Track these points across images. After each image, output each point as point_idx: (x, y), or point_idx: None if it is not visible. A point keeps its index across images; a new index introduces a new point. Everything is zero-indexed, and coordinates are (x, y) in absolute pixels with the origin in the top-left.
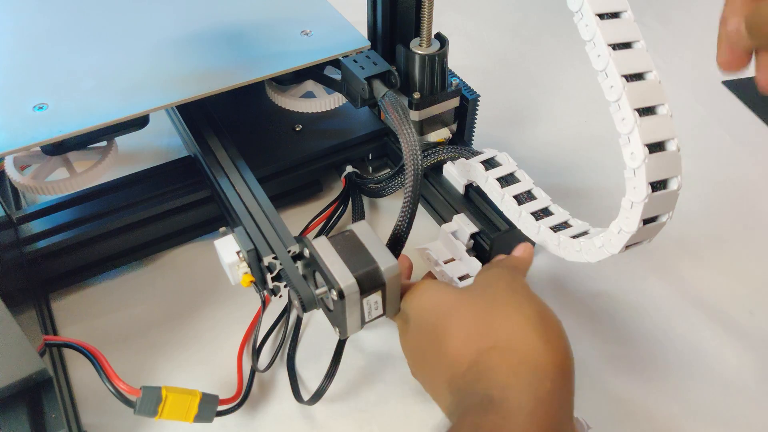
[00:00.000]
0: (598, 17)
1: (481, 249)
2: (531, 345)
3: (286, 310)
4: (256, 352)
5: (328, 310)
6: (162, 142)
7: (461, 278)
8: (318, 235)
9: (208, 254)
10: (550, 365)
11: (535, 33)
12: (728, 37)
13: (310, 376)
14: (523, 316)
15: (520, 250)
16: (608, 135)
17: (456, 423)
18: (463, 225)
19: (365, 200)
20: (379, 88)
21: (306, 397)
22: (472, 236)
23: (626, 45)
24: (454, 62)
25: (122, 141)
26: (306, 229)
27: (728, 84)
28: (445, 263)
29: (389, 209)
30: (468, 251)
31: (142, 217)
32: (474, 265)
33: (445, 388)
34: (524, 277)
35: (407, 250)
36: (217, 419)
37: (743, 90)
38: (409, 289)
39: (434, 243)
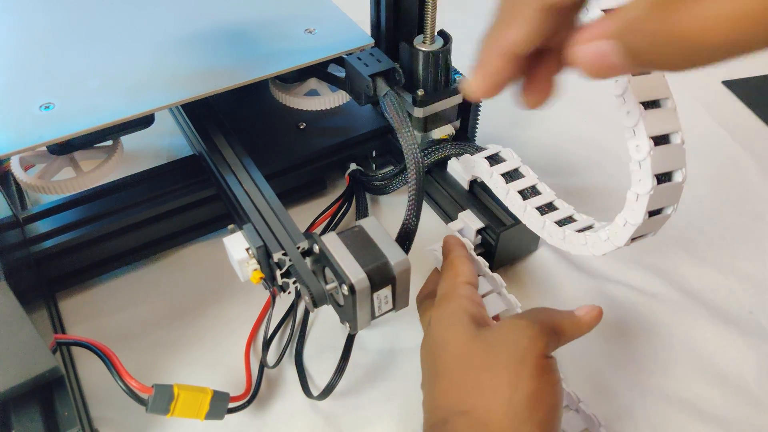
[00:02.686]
0: (602, 12)
1: (487, 245)
2: (504, 427)
3: (293, 307)
4: (266, 347)
5: (337, 306)
6: (164, 141)
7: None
8: (323, 232)
9: (214, 253)
10: None
11: None
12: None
13: (316, 372)
14: (512, 393)
15: (583, 311)
16: (608, 135)
17: None
18: (469, 222)
19: (368, 197)
20: (382, 87)
21: (314, 392)
22: (479, 232)
23: None
24: (454, 61)
25: (125, 141)
26: (311, 227)
27: (728, 84)
28: None
29: (392, 206)
30: (476, 248)
31: (148, 216)
32: (481, 263)
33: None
34: (556, 346)
35: (415, 249)
36: (226, 416)
37: (743, 90)
38: (445, 298)
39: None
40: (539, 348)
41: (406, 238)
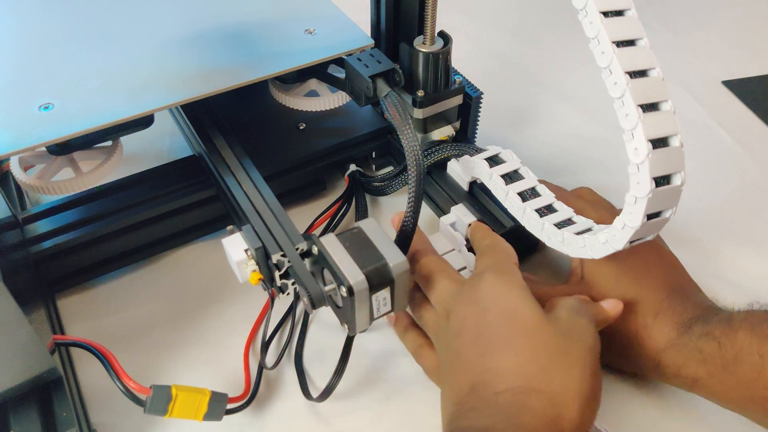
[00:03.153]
0: (602, 15)
1: None
2: (572, 411)
3: (292, 308)
4: (264, 348)
5: (336, 307)
6: (165, 142)
7: (459, 270)
8: (322, 233)
9: (213, 253)
10: None
11: (535, 33)
12: None
13: (316, 374)
14: (581, 384)
15: (611, 305)
16: (608, 135)
17: None
18: (461, 216)
19: (368, 198)
20: (382, 88)
21: (314, 394)
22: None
23: (630, 42)
24: (453, 62)
25: (125, 142)
26: (310, 228)
27: (728, 84)
28: (444, 255)
29: (392, 207)
30: (467, 242)
31: (147, 216)
32: (471, 258)
33: (467, 394)
34: None
35: None
36: (225, 417)
37: (743, 90)
38: (502, 266)
39: (434, 235)
40: (598, 348)
41: (404, 239)
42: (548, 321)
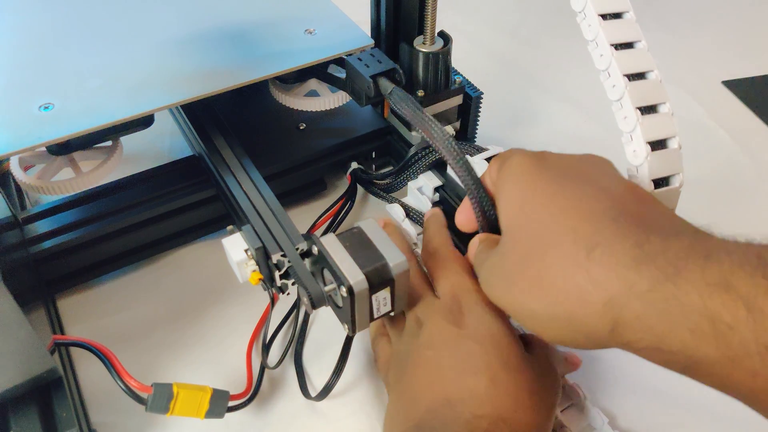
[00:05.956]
0: (600, 17)
1: (447, 204)
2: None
3: (295, 307)
4: (266, 349)
5: (336, 307)
6: (165, 142)
7: (418, 234)
8: (325, 232)
9: (214, 253)
10: None
11: (535, 33)
12: None
13: (316, 373)
14: (547, 422)
15: (574, 359)
16: (607, 135)
17: None
18: (428, 181)
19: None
20: (386, 85)
21: (313, 393)
22: (436, 189)
23: (628, 45)
24: (453, 62)
25: (125, 142)
26: (313, 227)
27: (728, 84)
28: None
29: None
30: (433, 205)
31: (147, 216)
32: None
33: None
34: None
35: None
36: (227, 415)
37: (743, 90)
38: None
39: (404, 199)
40: (561, 394)
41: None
42: (529, 362)
